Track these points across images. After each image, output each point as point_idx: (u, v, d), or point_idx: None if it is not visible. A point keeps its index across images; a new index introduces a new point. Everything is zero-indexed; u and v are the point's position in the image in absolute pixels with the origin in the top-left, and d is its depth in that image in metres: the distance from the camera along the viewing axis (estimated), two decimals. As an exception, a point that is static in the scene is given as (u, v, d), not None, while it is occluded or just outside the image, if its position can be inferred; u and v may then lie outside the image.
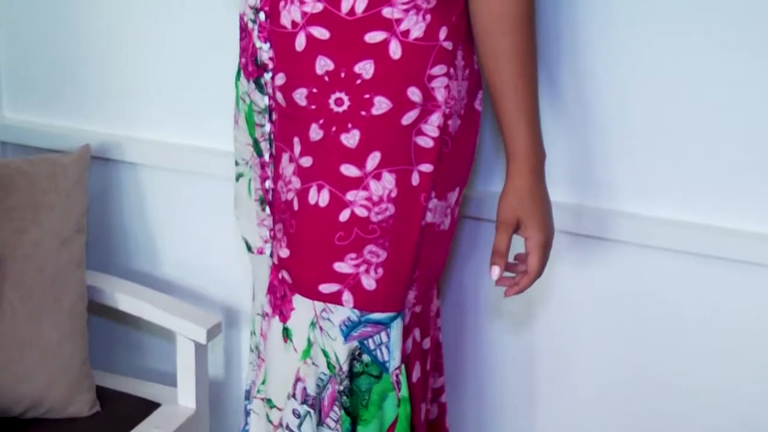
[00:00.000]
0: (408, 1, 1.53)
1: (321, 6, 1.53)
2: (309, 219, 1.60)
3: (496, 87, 1.58)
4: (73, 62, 2.24)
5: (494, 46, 1.56)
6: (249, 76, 1.67)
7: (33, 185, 2.05)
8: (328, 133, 1.56)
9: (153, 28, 2.15)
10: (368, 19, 1.53)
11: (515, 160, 1.60)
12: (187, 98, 2.17)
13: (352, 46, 1.54)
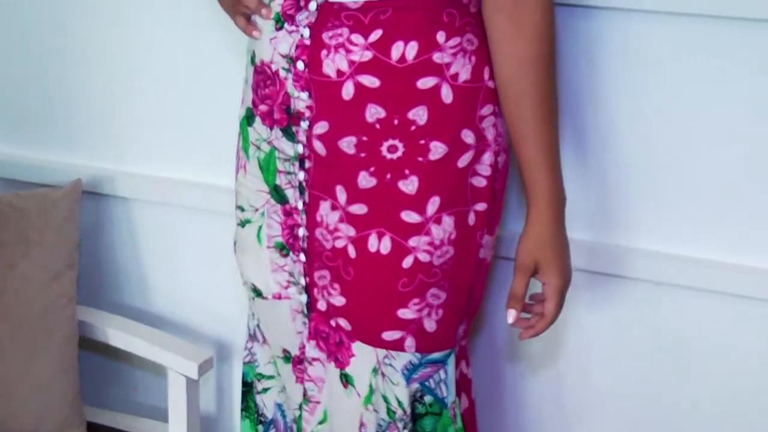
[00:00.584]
0: (456, 44, 1.55)
1: (370, 54, 1.52)
2: (370, 266, 1.60)
3: (518, 131, 1.58)
4: (64, 96, 2.24)
5: (518, 89, 1.56)
6: (275, 124, 1.64)
7: (24, 220, 2.05)
8: (383, 180, 1.57)
9: (145, 62, 2.15)
10: (419, 65, 1.53)
11: (536, 204, 1.60)
12: (179, 132, 2.17)
13: (405, 93, 1.54)
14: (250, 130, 1.70)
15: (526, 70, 1.55)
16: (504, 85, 1.57)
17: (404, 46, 1.52)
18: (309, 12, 1.55)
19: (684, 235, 1.84)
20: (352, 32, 1.53)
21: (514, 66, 1.55)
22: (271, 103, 1.63)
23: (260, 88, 1.65)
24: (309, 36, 1.55)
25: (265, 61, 1.62)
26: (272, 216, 1.72)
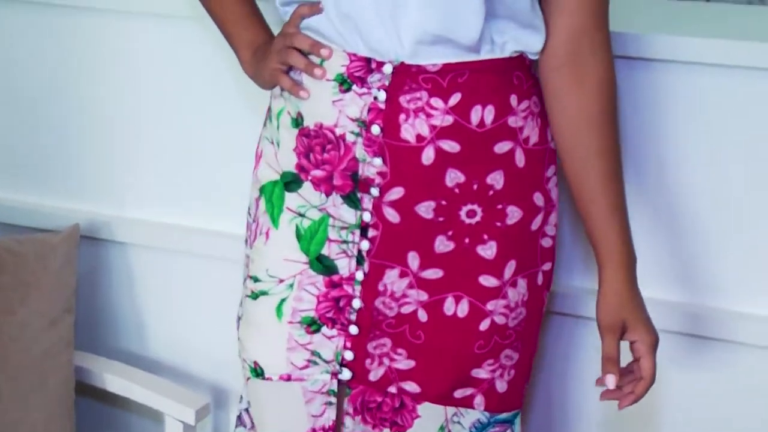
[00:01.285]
0: (526, 108, 1.56)
1: (451, 119, 1.52)
2: (445, 329, 1.60)
3: (586, 191, 1.58)
4: (62, 140, 2.24)
5: (585, 148, 1.56)
6: (333, 190, 1.58)
7: (21, 265, 2.05)
8: (461, 245, 1.57)
9: (143, 106, 2.15)
10: (496, 129, 1.54)
11: (610, 262, 1.58)
12: (177, 178, 2.16)
13: (483, 157, 1.54)
14: (289, 196, 1.62)
15: (591, 127, 1.55)
16: (569, 145, 1.57)
17: (482, 110, 1.52)
18: (383, 74, 1.52)
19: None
20: (431, 96, 1.51)
21: (579, 123, 1.55)
22: (330, 169, 1.58)
23: (314, 152, 1.58)
24: (385, 99, 1.52)
25: (325, 125, 1.56)
26: (306, 288, 1.63)
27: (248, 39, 1.70)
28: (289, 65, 1.59)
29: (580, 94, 1.55)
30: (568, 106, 1.56)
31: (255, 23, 1.71)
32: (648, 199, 1.84)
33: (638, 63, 1.78)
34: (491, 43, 1.51)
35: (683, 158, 1.81)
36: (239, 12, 1.71)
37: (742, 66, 1.74)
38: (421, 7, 1.46)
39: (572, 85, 1.55)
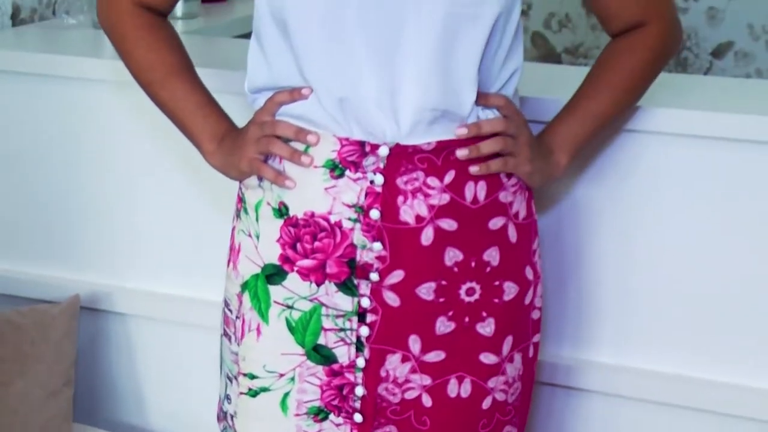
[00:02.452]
0: (515, 183, 1.57)
1: (448, 197, 1.52)
2: (449, 412, 1.58)
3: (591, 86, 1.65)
4: (62, 211, 2.24)
5: (626, 60, 1.64)
6: (326, 279, 1.54)
7: (21, 336, 2.04)
8: (462, 324, 1.56)
9: (142, 178, 2.16)
10: (489, 205, 1.55)
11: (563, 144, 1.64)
12: (177, 249, 2.16)
13: (479, 234, 1.55)
14: (273, 289, 1.58)
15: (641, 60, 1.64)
16: (615, 50, 1.65)
17: (475, 186, 1.53)
18: (378, 157, 1.50)
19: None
20: (427, 175, 1.51)
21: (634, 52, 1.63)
22: (323, 257, 1.54)
23: (303, 241, 1.55)
24: (382, 183, 1.51)
25: (318, 213, 1.53)
26: (308, 380, 1.59)
27: (210, 129, 1.63)
28: (268, 154, 1.56)
29: (643, 47, 1.63)
30: (638, 49, 1.63)
31: (214, 111, 1.65)
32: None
33: (633, 135, 1.81)
34: (477, 118, 1.52)
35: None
36: (195, 101, 1.65)
37: (742, 139, 1.76)
38: (420, 86, 1.47)
39: (638, 36, 1.63)
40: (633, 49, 1.63)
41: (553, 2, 3.38)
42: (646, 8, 1.63)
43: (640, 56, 1.63)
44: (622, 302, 1.88)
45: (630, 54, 1.64)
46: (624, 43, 1.65)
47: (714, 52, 3.39)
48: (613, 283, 1.87)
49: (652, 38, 1.63)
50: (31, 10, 2.47)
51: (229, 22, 2.69)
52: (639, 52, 1.63)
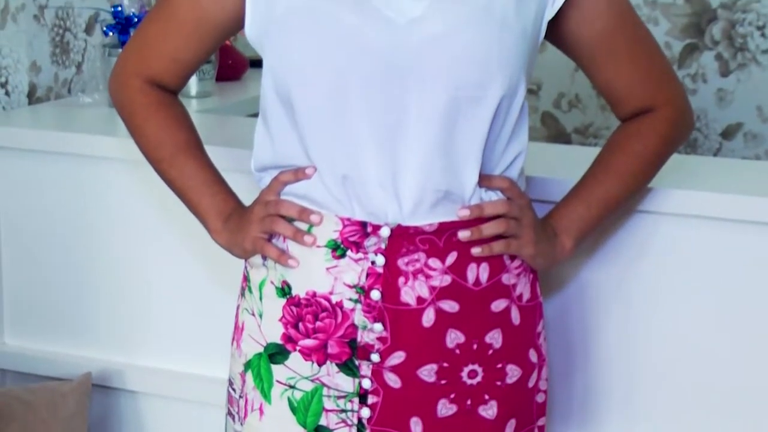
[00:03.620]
0: (518, 265, 1.57)
1: (449, 279, 1.51)
2: None
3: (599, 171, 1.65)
4: (73, 289, 2.25)
5: (632, 147, 1.65)
6: (328, 359, 1.54)
7: (32, 414, 2.04)
8: (463, 407, 1.55)
9: (153, 255, 2.17)
10: (492, 287, 1.54)
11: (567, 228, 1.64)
12: (187, 326, 2.17)
13: (481, 316, 1.54)
14: (276, 368, 1.58)
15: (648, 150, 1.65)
16: (627, 138, 1.65)
17: (477, 268, 1.53)
18: (380, 238, 1.50)
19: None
20: (429, 256, 1.51)
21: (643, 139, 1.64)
22: (325, 337, 1.54)
23: (305, 321, 1.55)
24: (383, 264, 1.50)
25: (319, 293, 1.53)
26: None
27: (217, 207, 1.64)
28: (272, 233, 1.57)
29: (653, 134, 1.64)
30: (649, 135, 1.64)
31: (221, 190, 1.66)
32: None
33: (641, 216, 1.82)
34: (480, 200, 1.52)
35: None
36: (203, 179, 1.66)
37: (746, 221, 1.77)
38: (422, 167, 1.47)
39: (650, 121, 1.64)
40: (642, 134, 1.64)
41: (564, 82, 3.40)
42: (656, 93, 1.64)
43: (650, 142, 1.64)
44: (630, 386, 1.87)
45: (639, 139, 1.64)
46: (633, 127, 1.65)
47: (723, 133, 3.40)
48: (621, 367, 1.87)
49: (662, 123, 1.64)
50: (47, 88, 2.50)
51: (243, 101, 2.71)
52: (648, 137, 1.64)
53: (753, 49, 3.32)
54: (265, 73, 1.54)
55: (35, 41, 2.44)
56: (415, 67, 1.45)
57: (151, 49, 1.65)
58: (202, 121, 2.40)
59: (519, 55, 1.48)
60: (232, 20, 1.59)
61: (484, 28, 1.46)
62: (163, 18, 1.63)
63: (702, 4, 3.34)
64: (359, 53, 1.45)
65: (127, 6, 2.45)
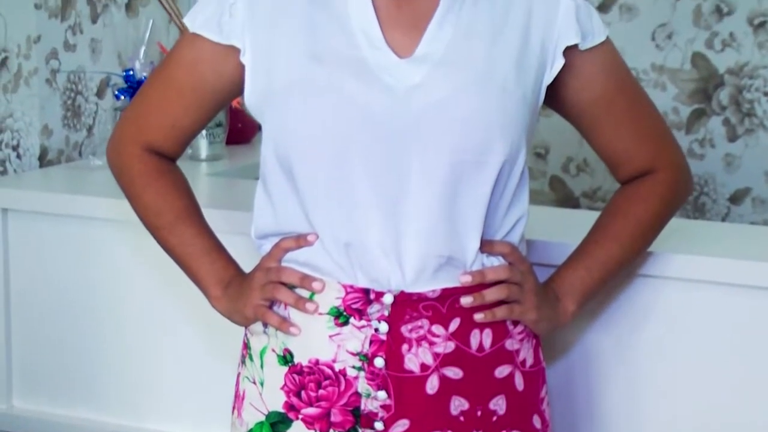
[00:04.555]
0: (521, 330, 1.57)
1: (453, 345, 1.51)
2: None
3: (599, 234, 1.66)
4: (82, 351, 2.25)
5: (632, 210, 1.65)
6: (331, 428, 1.52)
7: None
8: None
9: (155, 320, 2.17)
10: (495, 353, 1.54)
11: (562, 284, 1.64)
12: (190, 393, 2.17)
13: (485, 382, 1.53)
14: None
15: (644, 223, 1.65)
16: (626, 200, 1.66)
17: (480, 334, 1.52)
18: (383, 305, 1.49)
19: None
20: (432, 323, 1.50)
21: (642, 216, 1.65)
22: (328, 405, 1.53)
23: (307, 389, 1.53)
24: (387, 331, 1.50)
25: (322, 360, 1.52)
26: None
27: (217, 275, 1.63)
28: (273, 301, 1.56)
29: (655, 194, 1.65)
30: (649, 200, 1.65)
31: (221, 257, 1.65)
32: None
33: (648, 280, 1.82)
34: (481, 265, 1.52)
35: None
36: (202, 246, 1.65)
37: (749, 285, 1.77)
38: (425, 234, 1.47)
39: (651, 183, 1.65)
40: (642, 197, 1.65)
41: (572, 146, 3.42)
42: (655, 156, 1.65)
43: (650, 205, 1.65)
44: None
45: (639, 202, 1.65)
46: (633, 190, 1.66)
47: (731, 197, 3.40)
48: (626, 431, 1.85)
49: (661, 186, 1.65)
50: (58, 151, 2.52)
51: (253, 164, 2.69)
52: (648, 200, 1.65)
53: (760, 115, 3.33)
54: (265, 141, 1.55)
55: (47, 104, 2.47)
56: (417, 133, 1.45)
57: (149, 116, 1.65)
58: (213, 184, 2.42)
59: (520, 120, 1.49)
60: (231, 87, 1.60)
61: (485, 93, 1.47)
62: (161, 85, 1.64)
63: (709, 70, 3.36)
64: (360, 120, 1.46)
65: (139, 70, 2.48)
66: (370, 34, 1.49)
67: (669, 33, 3.41)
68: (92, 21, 2.59)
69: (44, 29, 2.44)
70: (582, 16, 1.55)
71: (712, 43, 3.38)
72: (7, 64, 2.34)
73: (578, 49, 1.55)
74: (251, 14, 1.53)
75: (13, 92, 2.37)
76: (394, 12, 1.51)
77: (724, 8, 3.35)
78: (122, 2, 2.69)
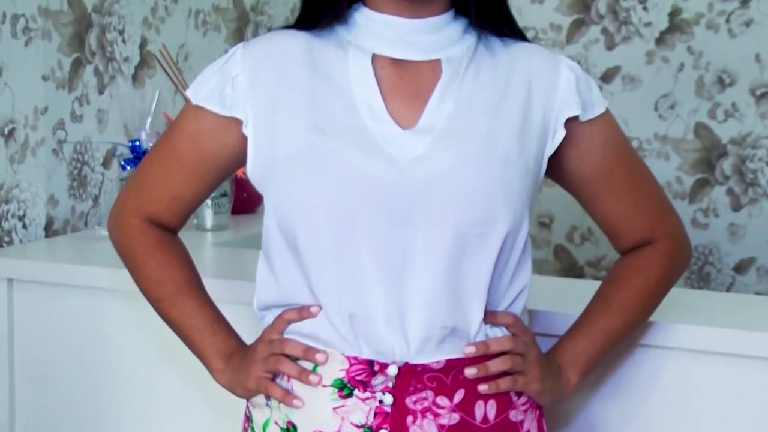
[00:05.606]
0: (525, 401, 1.56)
1: (457, 417, 1.50)
2: None
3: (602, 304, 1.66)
4: (84, 417, 2.24)
5: (634, 282, 1.66)
6: None
7: None
8: None
9: (155, 391, 2.16)
10: (499, 425, 1.53)
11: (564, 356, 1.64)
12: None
13: None
14: None
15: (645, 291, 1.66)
16: (627, 270, 1.67)
17: (485, 405, 1.52)
18: (387, 376, 1.49)
19: None
20: (437, 395, 1.49)
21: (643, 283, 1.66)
22: None
23: None
24: (391, 402, 1.48)
25: None
26: None
27: (218, 347, 1.62)
28: (276, 373, 1.55)
29: (655, 264, 1.66)
30: (651, 267, 1.66)
31: (222, 329, 1.64)
32: None
33: (652, 351, 1.81)
34: (485, 336, 1.52)
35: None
36: (204, 319, 1.64)
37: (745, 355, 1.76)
38: (429, 305, 1.47)
39: (651, 252, 1.66)
40: (642, 267, 1.65)
41: (576, 216, 3.43)
42: (654, 226, 1.66)
43: (650, 274, 1.65)
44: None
45: (640, 272, 1.65)
46: (633, 260, 1.67)
47: (736, 267, 3.41)
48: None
49: (661, 256, 1.66)
50: (64, 221, 2.53)
51: (258, 234, 2.69)
52: (648, 270, 1.65)
53: (764, 184, 3.34)
54: (267, 212, 1.55)
55: (53, 175, 2.48)
56: (420, 204, 1.46)
57: (151, 188, 1.66)
58: (218, 254, 2.42)
59: (522, 191, 1.50)
60: (234, 158, 1.61)
61: (487, 165, 1.48)
62: (163, 157, 1.65)
63: (712, 140, 3.39)
64: (364, 191, 1.46)
65: (145, 140, 2.50)
66: (373, 106, 1.50)
67: (672, 103, 3.44)
68: (99, 92, 2.61)
69: (51, 100, 2.46)
70: (582, 88, 1.57)
71: (715, 113, 3.41)
72: (14, 135, 2.36)
73: (579, 120, 1.57)
74: (253, 86, 1.55)
75: (20, 163, 2.38)
76: (397, 83, 1.53)
77: (726, 79, 3.38)
78: (129, 73, 2.72)
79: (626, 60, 3.50)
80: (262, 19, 3.37)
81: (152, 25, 2.80)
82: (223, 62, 1.58)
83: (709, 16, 3.39)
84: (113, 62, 2.65)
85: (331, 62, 1.54)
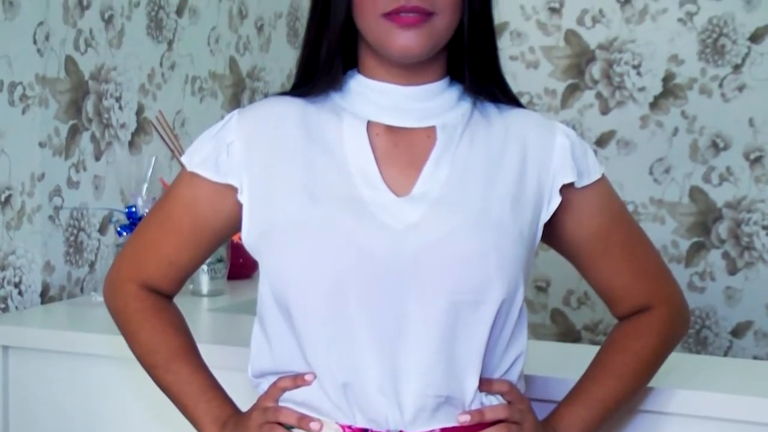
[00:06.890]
0: None
1: None
2: None
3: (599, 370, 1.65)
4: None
5: (631, 346, 1.64)
6: None
7: None
8: None
9: None
10: None
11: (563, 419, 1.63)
12: None
13: None
14: None
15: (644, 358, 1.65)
16: (622, 335, 1.66)
17: None
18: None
19: None
20: None
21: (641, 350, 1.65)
22: None
23: None
24: None
25: None
26: None
27: (213, 414, 1.61)
28: (274, 422, 1.53)
29: (650, 333, 1.65)
30: (648, 335, 1.65)
31: (217, 396, 1.63)
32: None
33: (650, 416, 1.79)
34: (480, 404, 1.51)
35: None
36: (199, 385, 1.63)
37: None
38: (423, 373, 1.46)
39: (646, 323, 1.65)
40: (640, 333, 1.65)
41: (572, 280, 3.43)
42: (652, 292, 1.66)
43: (648, 342, 1.65)
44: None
45: (637, 338, 1.65)
46: (630, 326, 1.66)
47: (733, 331, 3.41)
48: None
49: (659, 323, 1.65)
50: (60, 287, 2.53)
51: (254, 300, 2.71)
52: (646, 337, 1.65)
53: (759, 248, 3.35)
54: (262, 279, 1.55)
55: (50, 241, 2.48)
56: (414, 272, 1.45)
57: (147, 254, 1.66)
58: (214, 319, 2.41)
59: (517, 258, 1.50)
60: (229, 225, 1.61)
61: (481, 233, 1.48)
62: (158, 223, 1.65)
63: (707, 204, 3.40)
64: (357, 259, 1.46)
65: (141, 206, 2.50)
66: (368, 173, 1.51)
67: (667, 167, 3.46)
68: (96, 158, 2.62)
69: (48, 167, 2.46)
70: (578, 154, 1.57)
71: (710, 177, 3.42)
72: (10, 201, 2.36)
73: (574, 186, 1.57)
74: (248, 153, 1.55)
75: (16, 229, 2.38)
76: (392, 150, 1.53)
77: (720, 143, 3.40)
78: (125, 140, 2.73)
79: (621, 124, 3.52)
80: (259, 85, 3.39)
81: (149, 92, 2.82)
82: (218, 129, 1.59)
83: (702, 81, 3.41)
84: (110, 129, 2.67)
85: (326, 129, 1.55)
